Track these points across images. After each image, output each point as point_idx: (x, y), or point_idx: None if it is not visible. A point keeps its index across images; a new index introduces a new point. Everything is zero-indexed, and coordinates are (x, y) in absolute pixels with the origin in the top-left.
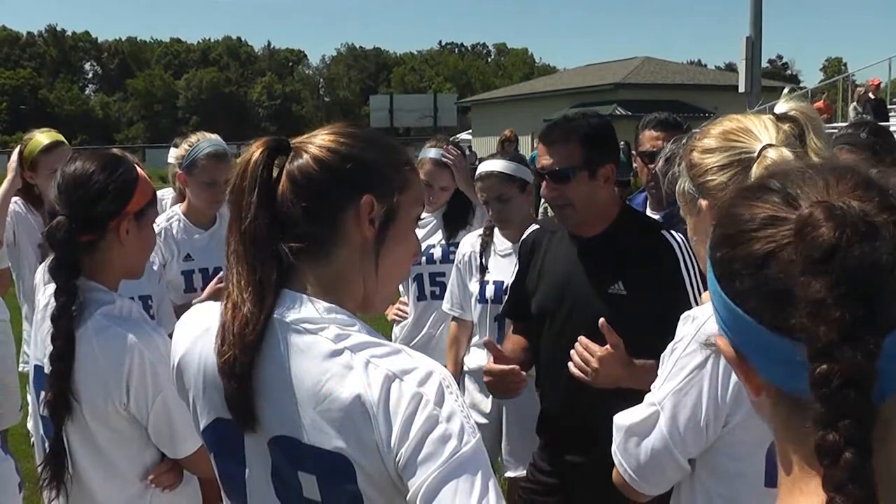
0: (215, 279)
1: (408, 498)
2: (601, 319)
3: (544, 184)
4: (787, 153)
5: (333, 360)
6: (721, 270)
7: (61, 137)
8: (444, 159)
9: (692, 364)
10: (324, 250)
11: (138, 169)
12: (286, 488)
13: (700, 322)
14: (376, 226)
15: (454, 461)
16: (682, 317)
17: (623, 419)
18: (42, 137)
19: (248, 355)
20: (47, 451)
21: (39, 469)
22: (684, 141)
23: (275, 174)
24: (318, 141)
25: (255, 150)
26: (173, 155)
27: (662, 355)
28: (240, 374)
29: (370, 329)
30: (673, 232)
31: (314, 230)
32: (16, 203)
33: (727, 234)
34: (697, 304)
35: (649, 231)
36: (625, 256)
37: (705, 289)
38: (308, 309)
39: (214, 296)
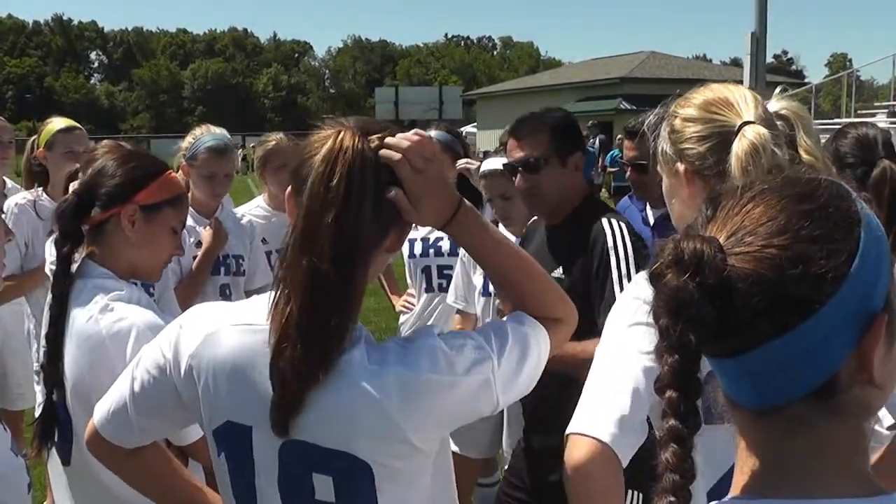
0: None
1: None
2: None
3: (518, 176)
4: (764, 131)
5: (353, 364)
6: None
7: (79, 125)
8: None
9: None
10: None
11: (170, 171)
12: (295, 493)
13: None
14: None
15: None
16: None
17: None
18: (60, 121)
19: (327, 365)
20: (40, 413)
21: (33, 431)
22: (671, 107)
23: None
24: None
25: (348, 139)
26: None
27: None
28: (311, 382)
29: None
30: (615, 220)
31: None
32: (22, 201)
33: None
34: (621, 288)
35: (593, 218)
36: (566, 243)
37: (637, 270)
38: None
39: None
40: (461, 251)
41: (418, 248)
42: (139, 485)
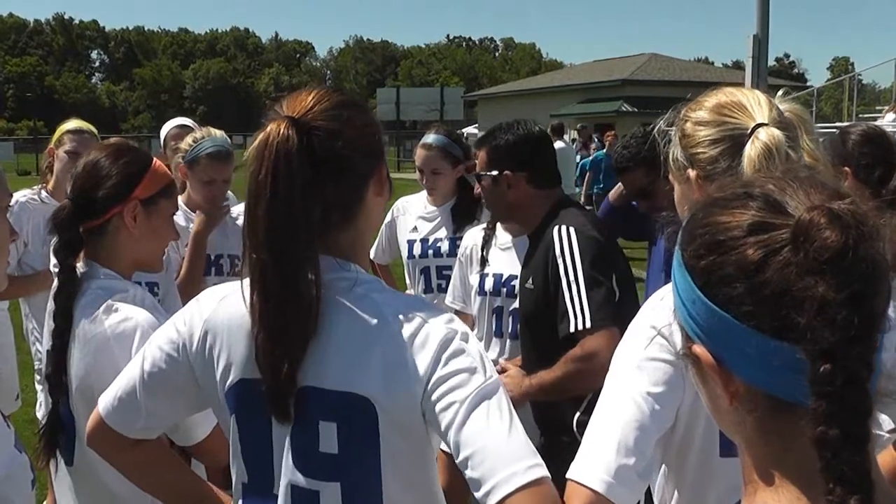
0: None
1: (443, 426)
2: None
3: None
4: (777, 133)
5: (361, 306)
6: (707, 278)
7: (93, 129)
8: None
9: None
10: (348, 218)
11: (155, 160)
12: (303, 447)
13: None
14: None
15: (483, 389)
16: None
17: None
18: (72, 122)
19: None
20: (44, 422)
21: (37, 441)
22: (682, 112)
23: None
24: (328, 115)
25: (283, 129)
26: (165, 134)
27: None
28: (301, 347)
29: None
30: (563, 226)
31: (342, 204)
32: (23, 199)
33: (713, 242)
34: (570, 297)
35: (548, 228)
36: (533, 254)
37: (595, 270)
38: (334, 267)
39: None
40: (460, 251)
41: (417, 250)
42: (141, 479)
